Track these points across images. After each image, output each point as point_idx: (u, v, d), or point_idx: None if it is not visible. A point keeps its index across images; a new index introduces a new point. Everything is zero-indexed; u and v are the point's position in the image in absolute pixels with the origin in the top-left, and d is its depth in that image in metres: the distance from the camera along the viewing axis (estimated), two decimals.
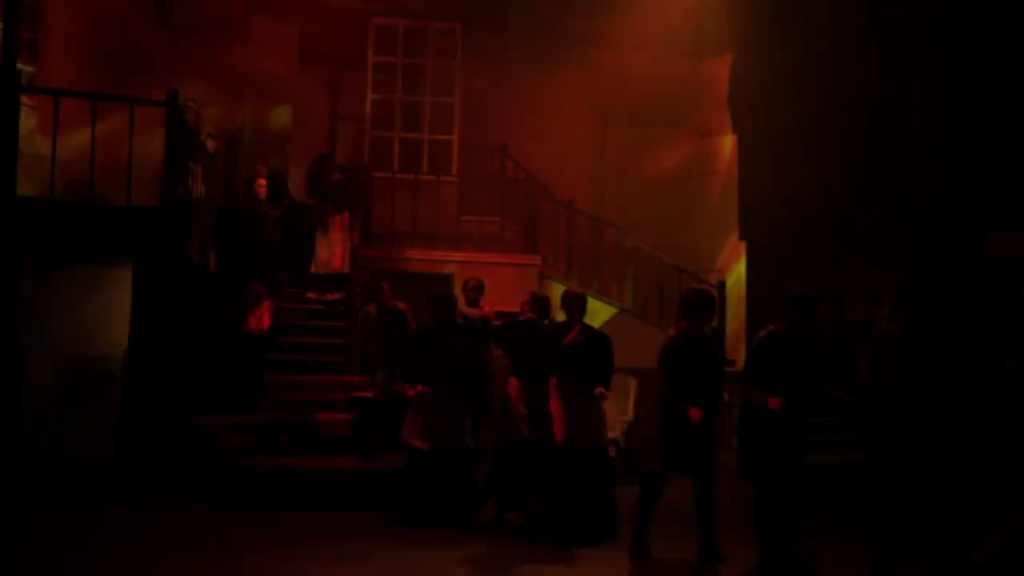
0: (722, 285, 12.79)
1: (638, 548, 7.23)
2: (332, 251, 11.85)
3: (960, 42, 12.43)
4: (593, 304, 12.56)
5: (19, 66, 9.69)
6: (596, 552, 7.47)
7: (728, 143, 14.55)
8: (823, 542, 7.43)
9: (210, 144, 12.11)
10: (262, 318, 10.60)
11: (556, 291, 11.64)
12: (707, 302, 7.33)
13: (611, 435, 10.29)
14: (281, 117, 13.55)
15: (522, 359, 8.23)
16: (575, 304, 8.09)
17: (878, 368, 7.00)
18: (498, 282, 11.78)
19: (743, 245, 14.31)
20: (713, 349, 7.41)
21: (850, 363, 7.24)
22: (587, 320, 8.23)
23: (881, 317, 7.19)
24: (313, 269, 11.94)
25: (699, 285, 8.17)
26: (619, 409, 10.65)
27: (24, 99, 9.91)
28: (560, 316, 8.40)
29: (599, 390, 7.96)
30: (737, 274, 14.12)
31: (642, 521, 7.24)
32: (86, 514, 8.39)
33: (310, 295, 11.92)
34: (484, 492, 8.50)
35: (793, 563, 6.90)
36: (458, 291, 10.04)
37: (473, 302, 9.75)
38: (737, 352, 12.67)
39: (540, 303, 8.55)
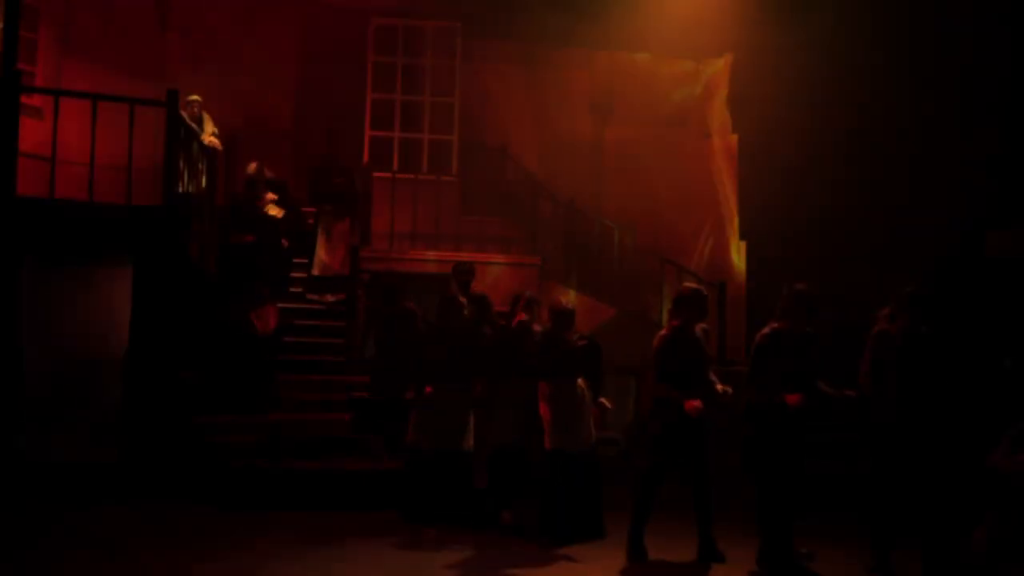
0: (722, 285, 12.79)
1: (635, 547, 7.23)
2: (333, 254, 11.84)
3: (960, 43, 12.43)
4: (593, 304, 12.65)
5: (19, 66, 9.80)
6: (592, 551, 7.47)
7: (728, 142, 14.56)
8: (823, 542, 7.44)
9: (211, 143, 12.13)
10: (267, 320, 10.59)
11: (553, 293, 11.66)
12: (699, 301, 7.33)
13: (611, 435, 10.32)
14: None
15: (520, 361, 8.24)
16: (565, 318, 8.08)
17: (879, 368, 6.99)
18: (498, 282, 11.80)
19: (743, 245, 14.31)
20: (703, 348, 7.40)
21: (849, 363, 7.24)
22: (585, 321, 8.25)
23: (881, 317, 7.19)
24: (314, 271, 11.94)
25: (692, 284, 8.16)
26: (619, 409, 10.66)
27: (24, 99, 9.91)
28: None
29: (602, 400, 8.05)
30: (737, 274, 14.12)
31: (639, 520, 7.24)
32: (86, 515, 8.38)
33: (310, 296, 11.93)
34: (483, 492, 8.50)
35: (793, 563, 6.90)
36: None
37: (465, 286, 9.70)
38: (737, 352, 12.67)
39: (533, 305, 8.60)
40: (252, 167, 12.06)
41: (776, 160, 13.77)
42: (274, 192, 12.05)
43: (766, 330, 7.02)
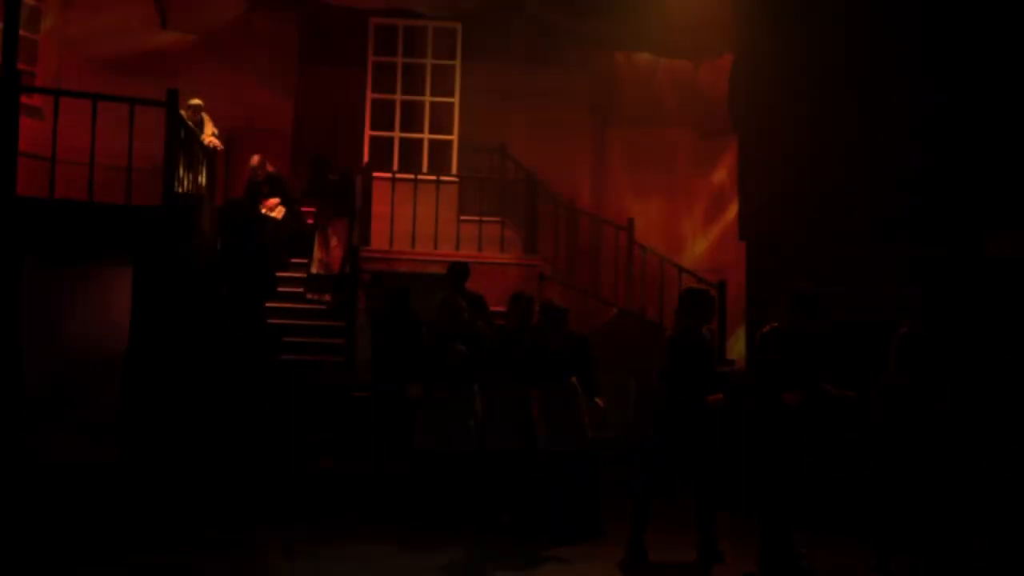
0: (722, 285, 12.79)
1: (634, 548, 7.22)
2: (331, 253, 11.84)
3: (960, 42, 12.42)
4: (593, 304, 12.64)
5: (19, 66, 9.79)
6: (591, 551, 7.46)
7: (728, 142, 14.54)
8: (823, 542, 7.43)
9: (211, 143, 12.14)
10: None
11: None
12: (707, 302, 7.33)
13: (611, 435, 10.31)
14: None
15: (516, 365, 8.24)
16: (554, 317, 8.08)
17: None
18: (498, 282, 11.78)
19: (743, 245, 14.29)
20: (711, 350, 7.40)
21: (849, 363, 7.24)
22: (585, 321, 8.24)
23: (907, 318, 7.16)
24: (313, 270, 11.95)
25: (698, 285, 8.16)
26: (619, 409, 10.64)
27: (24, 99, 9.91)
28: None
29: (596, 400, 8.06)
30: (737, 274, 14.09)
31: (639, 520, 7.23)
32: (86, 515, 8.39)
33: (310, 296, 11.93)
34: (483, 493, 8.48)
35: (793, 563, 6.90)
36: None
37: (460, 286, 9.63)
38: (737, 353, 12.67)
39: (532, 305, 8.59)
40: (255, 159, 12.18)
41: (776, 160, 13.75)
42: (274, 186, 12.08)
43: (766, 329, 7.01)
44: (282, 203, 12.18)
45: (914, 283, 7.19)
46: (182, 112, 10.63)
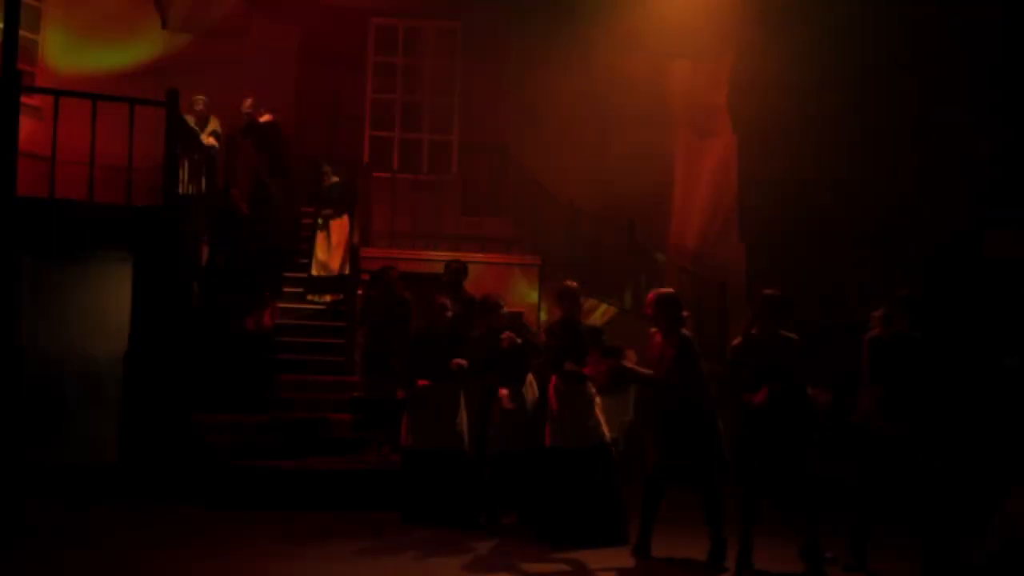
0: (722, 285, 12.79)
1: (640, 547, 7.20)
2: (331, 254, 11.84)
3: (959, 41, 12.43)
4: (593, 304, 12.64)
5: (19, 66, 9.78)
6: (593, 554, 7.42)
7: (728, 143, 14.54)
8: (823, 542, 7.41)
9: (209, 143, 12.14)
10: (262, 317, 10.53)
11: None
12: (672, 304, 7.32)
13: (611, 435, 10.30)
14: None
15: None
16: (569, 298, 8.09)
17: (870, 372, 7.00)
18: (498, 282, 11.79)
19: (743, 246, 14.30)
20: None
21: (849, 364, 7.25)
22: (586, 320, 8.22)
23: (875, 320, 7.18)
24: (313, 271, 11.95)
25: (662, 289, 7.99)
26: (619, 409, 10.63)
27: (24, 99, 9.91)
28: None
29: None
30: (737, 274, 14.10)
31: (646, 521, 7.21)
32: (86, 516, 8.39)
33: (310, 296, 11.93)
34: (484, 493, 8.47)
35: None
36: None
37: (455, 285, 9.58)
38: None
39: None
40: (247, 103, 12.20)
41: (776, 160, 13.75)
42: (268, 135, 12.13)
43: (737, 340, 7.05)
44: (277, 163, 12.16)
45: (913, 282, 7.19)
46: (187, 114, 10.62)
